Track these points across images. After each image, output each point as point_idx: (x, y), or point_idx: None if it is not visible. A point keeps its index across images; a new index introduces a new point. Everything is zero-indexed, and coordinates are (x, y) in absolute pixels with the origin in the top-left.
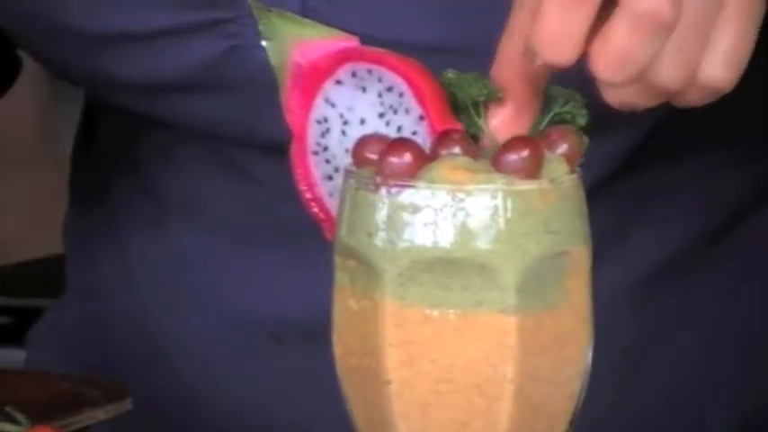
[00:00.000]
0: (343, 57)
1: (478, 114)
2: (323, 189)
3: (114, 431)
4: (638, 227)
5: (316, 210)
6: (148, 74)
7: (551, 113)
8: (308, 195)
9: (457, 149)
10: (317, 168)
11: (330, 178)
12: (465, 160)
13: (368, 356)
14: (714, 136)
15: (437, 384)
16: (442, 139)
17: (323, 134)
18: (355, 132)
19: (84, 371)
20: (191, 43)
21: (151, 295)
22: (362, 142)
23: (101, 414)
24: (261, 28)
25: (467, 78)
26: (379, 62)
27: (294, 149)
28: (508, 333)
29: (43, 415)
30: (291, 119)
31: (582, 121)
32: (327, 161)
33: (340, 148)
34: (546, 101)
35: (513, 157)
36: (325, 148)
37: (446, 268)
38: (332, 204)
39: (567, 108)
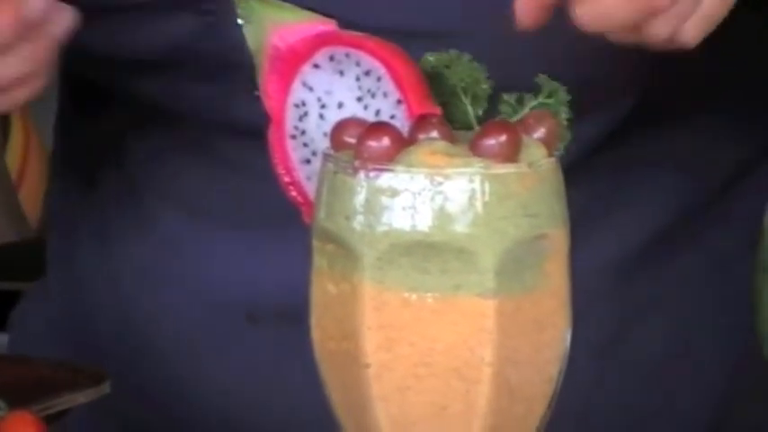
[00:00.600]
0: (321, 40)
1: (466, 95)
2: (301, 173)
3: (98, 416)
4: (621, 202)
5: (294, 194)
6: (129, 49)
7: (535, 102)
8: (287, 179)
9: (435, 134)
10: (294, 152)
11: (308, 162)
12: (443, 144)
13: (346, 340)
14: (697, 106)
15: (416, 368)
16: (421, 123)
17: (300, 118)
18: (333, 116)
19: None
20: (170, 19)
21: (134, 282)
22: (341, 126)
23: (80, 398)
24: (239, 11)
25: (447, 59)
26: (357, 46)
27: (272, 133)
28: (486, 317)
29: (21, 399)
30: (269, 103)
31: (563, 116)
32: (305, 145)
33: (318, 131)
34: (531, 88)
35: (490, 141)
36: (303, 132)
37: (425, 252)
38: (310, 188)
39: (550, 100)
